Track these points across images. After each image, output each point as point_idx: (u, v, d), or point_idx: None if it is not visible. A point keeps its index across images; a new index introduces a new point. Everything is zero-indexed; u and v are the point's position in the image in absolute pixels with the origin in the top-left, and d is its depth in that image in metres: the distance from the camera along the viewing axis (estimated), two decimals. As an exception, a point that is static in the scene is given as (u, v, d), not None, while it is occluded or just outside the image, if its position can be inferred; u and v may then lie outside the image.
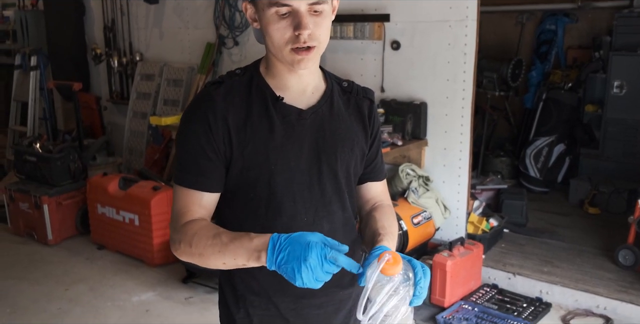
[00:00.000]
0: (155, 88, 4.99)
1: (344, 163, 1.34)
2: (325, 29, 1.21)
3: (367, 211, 1.44)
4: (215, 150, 1.25)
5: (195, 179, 1.26)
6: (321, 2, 1.17)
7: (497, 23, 5.65)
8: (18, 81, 5.80)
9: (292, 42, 1.19)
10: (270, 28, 1.19)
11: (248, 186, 1.28)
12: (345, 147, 1.34)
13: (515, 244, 3.92)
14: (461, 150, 3.55)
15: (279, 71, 1.29)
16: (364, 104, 1.40)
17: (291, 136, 1.27)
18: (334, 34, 3.74)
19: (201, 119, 1.25)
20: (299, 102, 1.30)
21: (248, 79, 1.31)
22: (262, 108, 1.27)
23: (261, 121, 1.26)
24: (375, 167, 1.47)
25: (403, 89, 3.68)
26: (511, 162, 5.25)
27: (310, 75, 1.31)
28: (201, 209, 1.26)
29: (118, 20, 5.23)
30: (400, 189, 3.58)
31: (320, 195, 1.31)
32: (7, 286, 3.74)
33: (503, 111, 5.51)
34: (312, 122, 1.30)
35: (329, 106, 1.33)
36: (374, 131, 1.42)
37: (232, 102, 1.26)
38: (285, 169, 1.27)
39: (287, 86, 1.30)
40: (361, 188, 1.47)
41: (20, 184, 4.48)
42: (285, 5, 1.16)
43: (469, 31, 3.35)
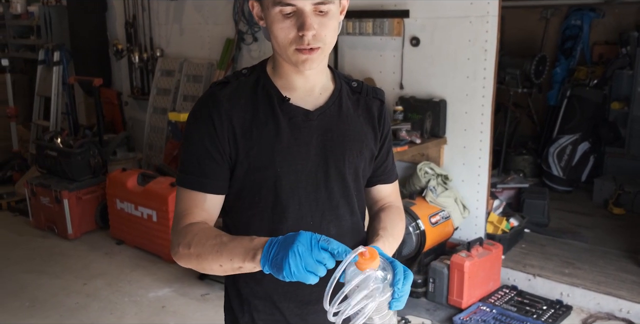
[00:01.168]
0: (175, 84, 5.00)
1: (352, 166, 1.31)
2: (331, 29, 1.17)
3: (375, 211, 1.41)
4: (219, 151, 1.23)
5: (199, 181, 1.24)
6: (327, 2, 1.14)
7: (521, 18, 5.55)
8: (41, 76, 5.85)
9: (296, 43, 1.16)
10: (275, 27, 1.16)
11: (253, 189, 1.26)
12: (354, 149, 1.30)
13: (536, 244, 3.85)
14: (481, 148, 3.48)
15: (286, 71, 1.26)
16: (374, 104, 1.36)
17: (298, 138, 1.24)
18: (353, 30, 3.70)
19: (205, 120, 1.23)
20: (306, 103, 1.27)
21: (254, 79, 1.28)
22: (268, 109, 1.24)
23: (267, 122, 1.23)
24: (385, 170, 1.43)
25: (422, 86, 3.62)
26: (534, 160, 5.16)
27: (317, 75, 1.27)
28: (203, 212, 1.24)
29: (139, 16, 5.24)
30: (418, 188, 3.53)
31: (327, 198, 1.27)
32: (28, 279, 3.79)
33: (526, 108, 5.41)
34: (320, 123, 1.27)
35: (338, 106, 1.30)
36: (385, 133, 1.38)
37: (237, 103, 1.24)
38: (291, 172, 1.24)
39: (294, 86, 1.27)
40: (371, 190, 1.44)
41: (42, 179, 4.54)
42: (289, 4, 1.13)
43: (490, 27, 3.28)
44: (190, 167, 1.25)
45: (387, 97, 3.83)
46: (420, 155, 3.64)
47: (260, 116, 1.24)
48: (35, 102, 5.96)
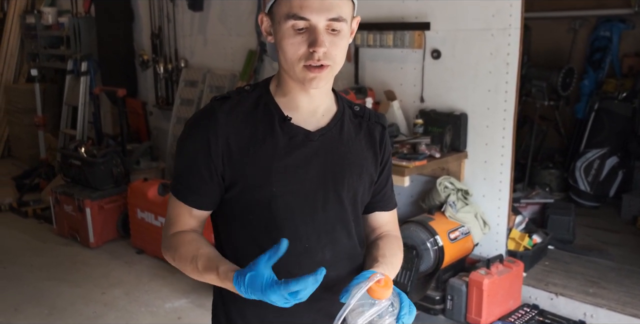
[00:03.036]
0: (199, 94, 5.04)
1: (352, 190, 1.28)
2: (341, 49, 1.16)
3: (373, 239, 1.38)
4: (210, 168, 1.21)
5: (187, 194, 1.24)
6: (340, 20, 1.13)
7: (548, 30, 5.46)
8: (69, 85, 5.97)
9: (306, 59, 1.14)
10: (285, 42, 1.14)
11: (248, 208, 1.23)
12: (354, 173, 1.28)
13: (560, 262, 3.74)
14: (502, 163, 3.41)
15: (290, 90, 1.23)
16: (375, 129, 1.34)
17: (296, 158, 1.21)
18: (374, 42, 3.68)
19: (201, 135, 1.20)
20: (308, 124, 1.24)
21: (256, 96, 1.26)
22: (267, 127, 1.22)
23: (265, 141, 1.20)
24: (384, 196, 1.41)
25: (443, 99, 3.57)
26: (560, 174, 5.04)
27: (321, 96, 1.26)
28: (191, 220, 1.26)
29: (165, 28, 5.31)
30: (437, 203, 3.47)
31: (324, 222, 1.24)
32: (48, 287, 3.83)
33: (553, 121, 5.30)
34: (320, 145, 1.24)
35: (339, 129, 1.28)
36: (385, 158, 1.36)
37: (235, 120, 1.21)
38: (287, 193, 1.21)
39: (297, 105, 1.24)
40: (369, 217, 1.41)
41: (66, 187, 4.60)
42: (303, 18, 1.11)
43: (512, 40, 3.22)
44: (181, 178, 1.26)
45: (407, 110, 3.80)
46: (441, 169, 3.58)
47: (259, 133, 1.21)
48: (63, 111, 6.08)
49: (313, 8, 1.10)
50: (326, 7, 1.11)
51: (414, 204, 3.84)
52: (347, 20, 1.15)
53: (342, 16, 1.13)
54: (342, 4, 1.14)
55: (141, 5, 5.52)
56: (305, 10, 1.11)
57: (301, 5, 1.11)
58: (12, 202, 5.31)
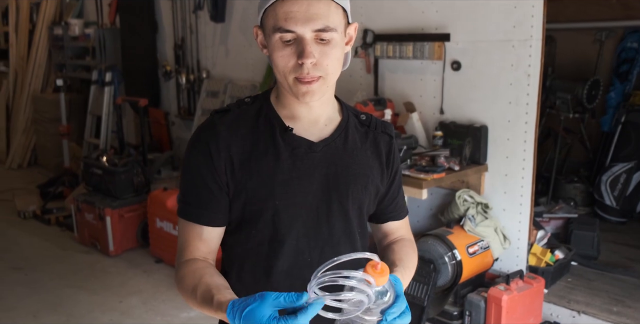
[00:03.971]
0: (220, 105, 5.07)
1: (357, 201, 1.25)
2: (333, 59, 1.12)
3: (387, 243, 1.36)
4: (216, 181, 1.19)
5: (196, 212, 1.21)
6: (328, 30, 1.09)
7: (573, 41, 5.37)
8: (94, 95, 6.06)
9: (295, 72, 1.11)
10: (275, 55, 1.12)
11: (251, 222, 1.21)
12: (359, 184, 1.25)
13: (584, 279, 3.65)
14: (523, 177, 3.35)
15: (289, 101, 1.21)
16: (382, 139, 1.31)
17: (299, 170, 1.19)
18: (393, 53, 3.65)
19: (202, 149, 1.19)
20: (310, 134, 1.22)
21: (257, 108, 1.24)
22: (269, 139, 1.20)
23: (267, 153, 1.19)
24: (397, 207, 1.39)
25: (463, 111, 3.52)
26: (585, 188, 4.93)
27: (322, 105, 1.23)
28: (202, 245, 1.21)
29: (187, 39, 5.36)
30: (456, 216, 3.41)
31: (328, 235, 1.22)
32: (67, 294, 3.86)
33: (578, 134, 5.20)
34: (324, 155, 1.21)
35: (343, 139, 1.25)
36: (394, 169, 1.33)
37: (237, 132, 1.20)
38: (291, 205, 1.19)
39: (297, 116, 1.22)
40: (382, 226, 1.39)
41: (87, 196, 4.65)
42: (288, 31, 1.09)
43: (534, 51, 3.16)
44: (189, 197, 1.22)
45: (427, 122, 3.76)
46: (460, 182, 3.53)
47: (261, 145, 1.19)
48: (88, 120, 6.17)
49: (297, 19, 1.08)
50: (311, 18, 1.08)
51: (432, 217, 3.79)
52: (338, 29, 1.12)
53: (330, 26, 1.09)
54: (329, 13, 1.10)
55: (165, 16, 5.59)
56: (290, 22, 1.08)
57: (286, 17, 1.08)
58: (36, 210, 5.39)
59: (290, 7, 1.08)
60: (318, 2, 1.08)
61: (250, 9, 4.78)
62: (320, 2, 1.09)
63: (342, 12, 1.14)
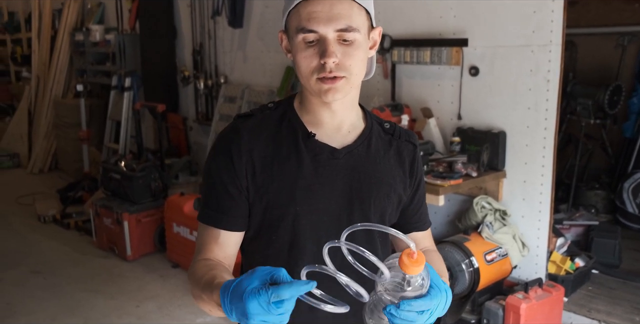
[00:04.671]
0: (237, 110, 5.08)
1: (379, 210, 1.24)
2: (356, 60, 1.12)
3: None
4: (237, 186, 1.18)
5: (215, 216, 1.20)
6: (350, 30, 1.09)
7: (595, 46, 5.30)
8: (114, 100, 6.12)
9: (319, 72, 1.11)
10: (298, 56, 1.12)
11: (271, 227, 1.20)
12: (381, 193, 1.23)
13: (605, 287, 3.58)
14: (542, 183, 3.30)
15: (313, 105, 1.21)
16: (406, 148, 1.30)
17: (321, 176, 1.19)
18: (411, 59, 3.63)
19: (224, 153, 1.19)
20: (333, 141, 1.21)
21: (280, 113, 1.24)
22: (291, 144, 1.19)
23: (289, 158, 1.18)
24: (421, 217, 1.38)
25: (481, 117, 3.49)
26: (607, 195, 4.85)
27: (345, 111, 1.22)
28: (217, 249, 1.20)
29: (206, 44, 5.39)
30: (474, 223, 3.37)
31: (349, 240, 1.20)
32: (84, 298, 3.89)
33: (599, 140, 5.12)
34: (346, 162, 1.21)
35: (366, 146, 1.24)
36: (418, 178, 1.32)
37: (259, 137, 1.20)
38: (312, 212, 1.18)
39: (320, 121, 1.22)
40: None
41: (105, 200, 4.69)
42: (311, 31, 1.09)
43: (553, 57, 3.12)
44: (209, 201, 1.22)
45: (444, 128, 3.73)
46: (478, 188, 3.49)
47: (283, 150, 1.19)
48: (107, 125, 6.23)
49: (320, 19, 1.08)
50: (334, 18, 1.08)
51: (449, 224, 3.75)
52: (361, 30, 1.11)
53: (352, 26, 1.09)
54: (352, 13, 1.10)
55: (184, 22, 5.63)
56: (313, 22, 1.08)
57: (309, 17, 1.09)
58: (56, 215, 5.45)
59: (313, 7, 1.08)
60: (341, 2, 1.09)
61: (268, 14, 4.79)
62: (343, 3, 1.09)
63: (366, 15, 1.14)
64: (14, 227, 5.38)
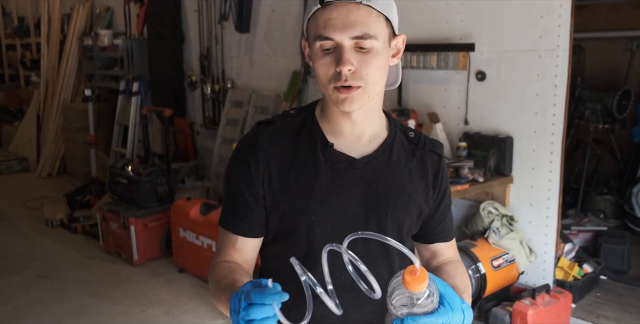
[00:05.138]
0: (244, 115, 5.08)
1: (396, 222, 1.21)
2: (374, 68, 1.09)
3: (437, 264, 1.32)
4: (253, 193, 1.19)
5: (233, 222, 1.22)
6: (367, 38, 1.07)
7: (603, 50, 5.27)
8: (121, 105, 6.14)
9: (335, 80, 1.09)
10: (316, 64, 1.12)
11: (287, 235, 1.20)
12: (400, 204, 1.21)
13: (613, 294, 3.55)
14: (550, 189, 3.28)
15: (333, 114, 1.20)
16: (430, 159, 1.26)
17: (338, 186, 1.17)
18: (417, 64, 3.62)
19: (242, 161, 1.20)
20: (352, 150, 1.20)
21: (301, 121, 1.23)
22: (309, 153, 1.19)
23: (307, 167, 1.18)
24: (445, 228, 1.33)
25: (488, 121, 3.47)
26: (616, 201, 4.82)
27: (366, 120, 1.20)
28: (235, 253, 1.21)
29: (213, 49, 5.41)
30: (480, 229, 3.36)
31: (363, 254, 1.15)
32: (91, 303, 3.89)
33: (607, 145, 5.09)
34: (364, 172, 1.19)
35: (387, 156, 1.22)
36: (442, 189, 1.28)
37: (278, 145, 1.19)
38: (327, 221, 1.17)
39: (341, 131, 1.20)
40: (429, 247, 1.35)
41: (112, 205, 4.69)
42: (327, 38, 1.08)
43: (560, 61, 3.11)
44: (228, 206, 1.23)
45: (451, 133, 3.72)
46: (485, 194, 3.47)
47: (301, 159, 1.18)
48: (115, 130, 6.25)
49: (336, 26, 1.07)
50: (349, 25, 1.06)
51: (456, 229, 3.72)
52: (379, 37, 1.09)
53: (369, 33, 1.07)
54: (370, 20, 1.08)
55: (191, 27, 5.65)
56: (329, 29, 1.07)
57: (325, 24, 1.08)
58: (63, 219, 5.46)
59: (329, 14, 1.07)
60: (357, 9, 1.07)
61: (275, 19, 4.80)
62: (360, 10, 1.07)
63: (385, 22, 1.12)
64: (22, 231, 5.40)
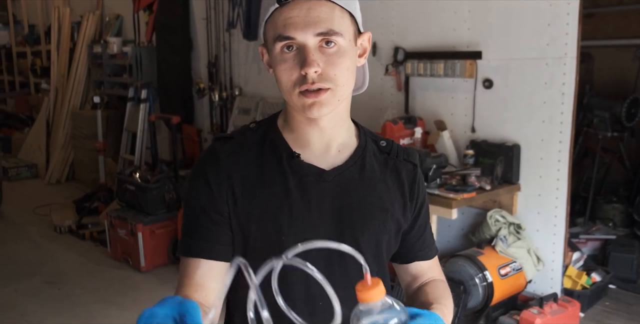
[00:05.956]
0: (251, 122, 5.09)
1: (373, 239, 1.10)
2: (342, 69, 1.00)
3: (417, 287, 1.21)
4: (218, 210, 1.07)
5: (197, 246, 1.06)
6: (332, 34, 0.98)
7: (612, 58, 5.25)
8: (130, 112, 6.17)
9: (300, 84, 0.99)
10: (278, 69, 1.02)
11: (254, 261, 1.01)
12: (376, 220, 1.10)
13: (622, 303, 3.52)
14: (557, 197, 3.26)
15: (298, 123, 1.09)
16: (404, 168, 1.16)
17: (309, 201, 1.06)
18: (424, 71, 3.63)
19: (201, 179, 1.08)
20: (321, 161, 1.09)
21: (262, 135, 1.12)
22: (274, 167, 1.08)
23: (273, 183, 1.07)
24: (424, 244, 1.22)
25: (495, 129, 3.47)
26: (625, 209, 4.78)
27: (334, 128, 1.10)
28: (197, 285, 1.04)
29: (221, 57, 5.44)
30: (487, 237, 3.34)
31: (340, 276, 1.06)
32: (98, 309, 3.89)
33: (616, 153, 5.06)
34: (336, 186, 1.08)
35: (360, 167, 1.11)
36: (419, 201, 1.18)
37: (239, 161, 1.09)
38: (299, 241, 1.01)
39: (307, 141, 1.10)
40: (409, 266, 1.23)
41: (120, 211, 4.71)
42: (288, 38, 0.98)
43: (568, 69, 3.10)
44: (189, 232, 1.09)
45: (458, 140, 3.72)
46: (492, 202, 3.46)
47: (266, 175, 1.08)
48: (124, 137, 6.28)
49: (297, 24, 0.98)
50: (312, 22, 0.98)
51: (463, 237, 3.71)
52: (345, 35, 1.00)
53: (334, 29, 0.98)
54: (333, 16, 0.99)
55: (199, 35, 5.68)
56: (289, 28, 0.98)
57: (284, 23, 0.99)
58: (72, 225, 5.48)
59: (289, 12, 0.99)
60: (319, 5, 0.99)
61: (283, 27, 4.82)
62: (323, 6, 0.99)
63: (350, 19, 1.03)
64: (31, 237, 5.43)
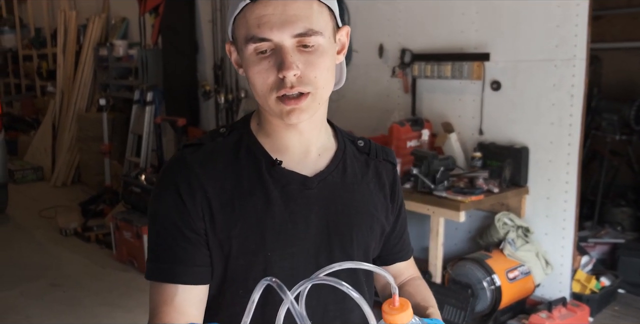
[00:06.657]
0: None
1: (362, 246, 1.05)
2: (322, 70, 0.92)
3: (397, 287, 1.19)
4: (193, 228, 0.97)
5: (170, 269, 0.96)
6: (311, 34, 0.90)
7: (621, 60, 5.22)
8: (135, 114, 6.17)
9: (277, 89, 0.91)
10: (251, 71, 0.93)
11: (236, 280, 0.99)
12: (364, 225, 1.05)
13: (632, 307, 3.48)
14: (566, 200, 3.23)
15: (274, 128, 1.01)
16: (385, 168, 1.11)
17: (293, 212, 0.99)
18: (431, 73, 3.61)
19: (171, 191, 0.98)
20: (302, 168, 1.02)
21: (235, 140, 1.03)
22: (253, 176, 0.99)
23: (253, 193, 0.98)
24: (404, 246, 1.19)
25: (503, 132, 3.44)
26: (634, 212, 4.73)
27: (313, 131, 1.03)
28: (175, 312, 0.95)
29: (226, 59, 5.43)
30: (495, 240, 3.31)
31: (331, 289, 0.95)
32: (102, 312, 3.88)
33: (625, 157, 5.02)
34: (320, 193, 1.02)
35: (342, 171, 1.05)
36: (399, 202, 1.14)
37: (213, 170, 0.99)
38: (286, 256, 0.98)
39: (286, 146, 1.02)
40: (388, 268, 1.18)
41: (126, 214, 4.70)
42: (263, 39, 0.89)
43: (577, 71, 3.07)
44: (159, 253, 0.98)
45: (465, 143, 3.69)
46: (500, 204, 3.43)
47: (244, 185, 0.99)
48: (129, 139, 6.28)
49: (273, 24, 0.89)
50: (289, 21, 0.89)
51: (470, 240, 3.68)
52: (324, 32, 0.92)
53: (314, 29, 0.90)
54: (311, 13, 0.91)
55: (205, 37, 5.68)
56: (264, 28, 0.89)
57: (258, 23, 0.89)
58: (77, 228, 5.47)
59: (262, 10, 0.89)
60: (296, 1, 0.90)
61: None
62: (299, 1, 0.90)
63: (329, 13, 0.95)
64: (36, 240, 5.42)
